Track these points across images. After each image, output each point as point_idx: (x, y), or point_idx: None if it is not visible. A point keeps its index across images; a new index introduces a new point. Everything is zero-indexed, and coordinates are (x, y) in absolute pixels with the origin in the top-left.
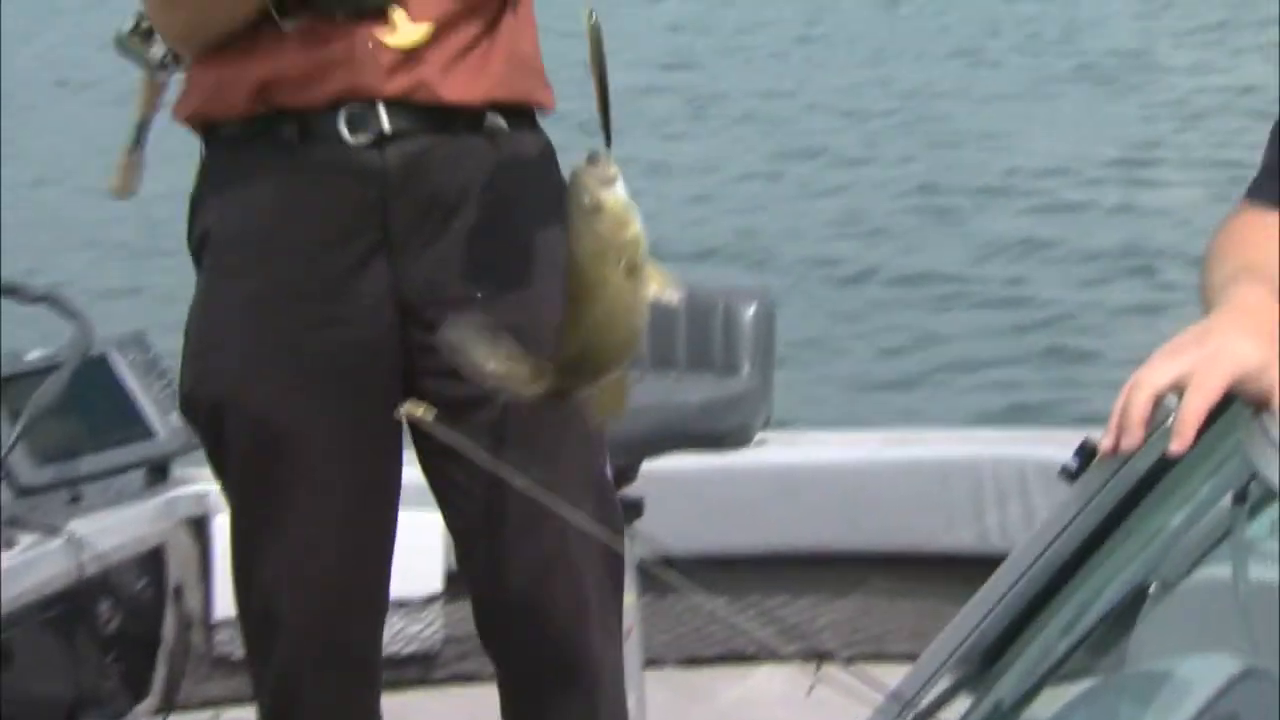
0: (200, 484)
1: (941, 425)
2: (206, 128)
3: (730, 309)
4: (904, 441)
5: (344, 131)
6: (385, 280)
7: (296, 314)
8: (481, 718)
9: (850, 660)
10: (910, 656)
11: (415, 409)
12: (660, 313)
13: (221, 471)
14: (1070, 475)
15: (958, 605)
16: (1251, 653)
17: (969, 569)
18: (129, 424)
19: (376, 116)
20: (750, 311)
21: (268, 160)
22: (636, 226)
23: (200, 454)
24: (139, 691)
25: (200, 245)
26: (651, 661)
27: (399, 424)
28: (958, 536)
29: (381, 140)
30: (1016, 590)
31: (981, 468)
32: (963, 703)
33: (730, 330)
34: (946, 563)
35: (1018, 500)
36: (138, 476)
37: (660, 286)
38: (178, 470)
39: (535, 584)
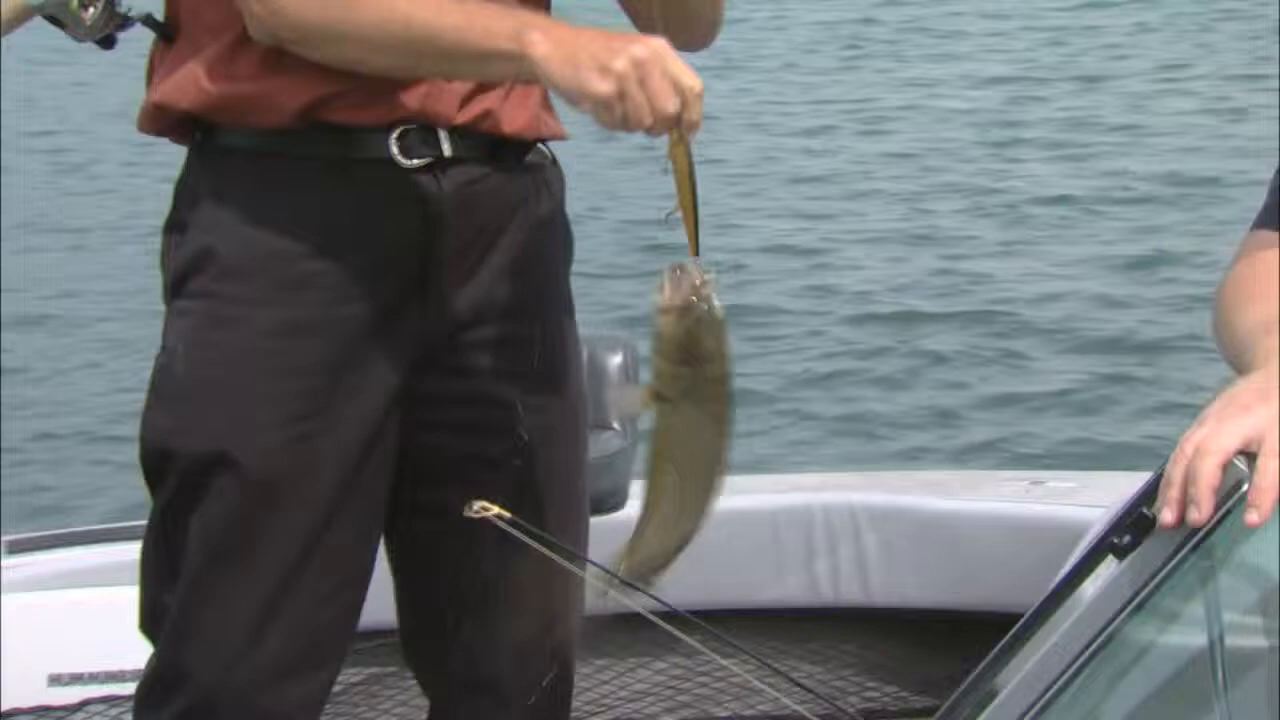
0: None
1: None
2: (206, 130)
3: (595, 359)
4: (729, 490)
5: (395, 152)
6: (417, 320)
7: (319, 354)
8: None
9: None
10: (740, 718)
11: (489, 508)
12: None
13: (183, 528)
14: (1121, 550)
15: (785, 660)
16: None
17: (799, 621)
18: None
19: (436, 140)
20: (617, 361)
21: (299, 178)
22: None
23: None
24: None
25: (193, 268)
26: None
27: (385, 486)
28: (786, 588)
29: (437, 165)
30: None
31: (812, 515)
32: None
33: (596, 382)
34: (776, 616)
35: (849, 547)
36: None
37: None
38: None
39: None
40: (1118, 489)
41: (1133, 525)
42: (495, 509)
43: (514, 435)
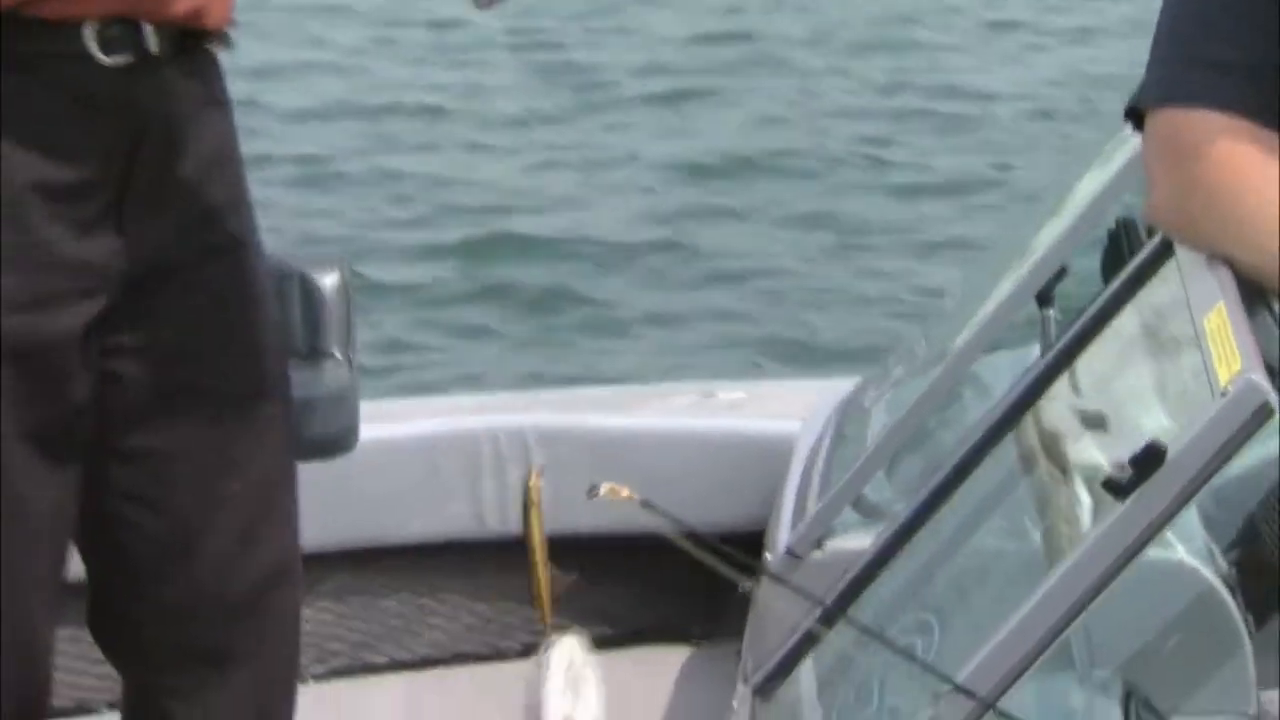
0: None
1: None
2: None
3: (308, 283)
4: (386, 417)
5: (94, 48)
6: (111, 248)
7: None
8: None
9: (323, 676)
10: (396, 664)
11: (619, 491)
12: None
13: None
14: (1120, 490)
15: (447, 595)
16: None
17: (463, 555)
18: None
19: (139, 34)
20: (332, 283)
21: None
22: None
23: None
24: None
25: None
26: None
27: (84, 432)
28: (447, 519)
29: (141, 65)
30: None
31: (476, 439)
32: None
33: (312, 308)
34: (437, 550)
35: (517, 473)
36: None
37: None
38: None
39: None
40: (787, 399)
41: (1143, 458)
42: (626, 491)
43: (216, 370)
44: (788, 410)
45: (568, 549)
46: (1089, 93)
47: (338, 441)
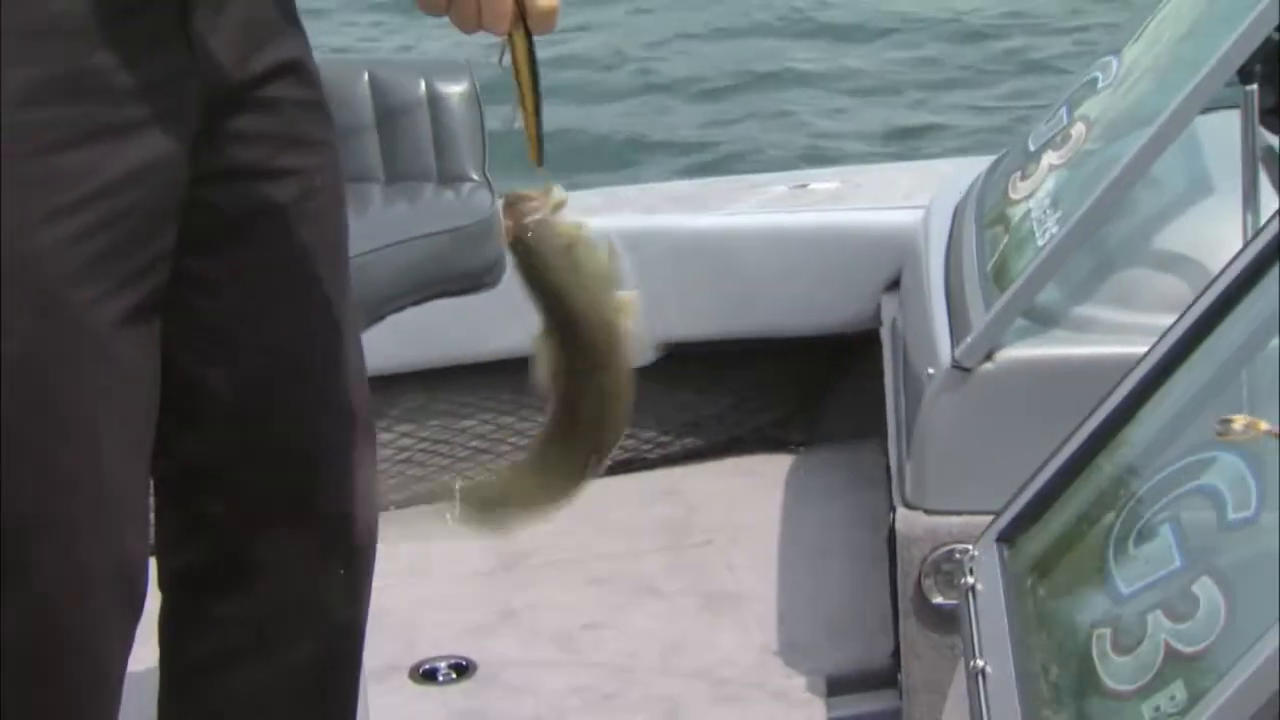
0: None
1: None
2: None
3: (436, 91)
4: None
5: None
6: (183, 61)
7: (72, 122)
8: None
9: (403, 504)
10: None
11: (1258, 425)
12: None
13: None
14: None
15: (529, 414)
16: None
17: None
18: None
19: None
20: (461, 93)
21: None
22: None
23: None
24: None
25: None
26: None
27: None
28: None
29: None
30: None
31: None
32: None
33: (442, 120)
34: (514, 365)
35: None
36: None
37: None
38: None
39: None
40: (888, 184)
41: None
42: (1265, 424)
43: (303, 179)
44: (889, 198)
45: (663, 360)
46: None
47: (485, 274)
